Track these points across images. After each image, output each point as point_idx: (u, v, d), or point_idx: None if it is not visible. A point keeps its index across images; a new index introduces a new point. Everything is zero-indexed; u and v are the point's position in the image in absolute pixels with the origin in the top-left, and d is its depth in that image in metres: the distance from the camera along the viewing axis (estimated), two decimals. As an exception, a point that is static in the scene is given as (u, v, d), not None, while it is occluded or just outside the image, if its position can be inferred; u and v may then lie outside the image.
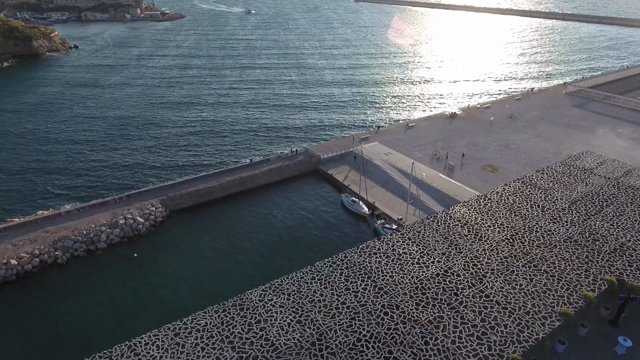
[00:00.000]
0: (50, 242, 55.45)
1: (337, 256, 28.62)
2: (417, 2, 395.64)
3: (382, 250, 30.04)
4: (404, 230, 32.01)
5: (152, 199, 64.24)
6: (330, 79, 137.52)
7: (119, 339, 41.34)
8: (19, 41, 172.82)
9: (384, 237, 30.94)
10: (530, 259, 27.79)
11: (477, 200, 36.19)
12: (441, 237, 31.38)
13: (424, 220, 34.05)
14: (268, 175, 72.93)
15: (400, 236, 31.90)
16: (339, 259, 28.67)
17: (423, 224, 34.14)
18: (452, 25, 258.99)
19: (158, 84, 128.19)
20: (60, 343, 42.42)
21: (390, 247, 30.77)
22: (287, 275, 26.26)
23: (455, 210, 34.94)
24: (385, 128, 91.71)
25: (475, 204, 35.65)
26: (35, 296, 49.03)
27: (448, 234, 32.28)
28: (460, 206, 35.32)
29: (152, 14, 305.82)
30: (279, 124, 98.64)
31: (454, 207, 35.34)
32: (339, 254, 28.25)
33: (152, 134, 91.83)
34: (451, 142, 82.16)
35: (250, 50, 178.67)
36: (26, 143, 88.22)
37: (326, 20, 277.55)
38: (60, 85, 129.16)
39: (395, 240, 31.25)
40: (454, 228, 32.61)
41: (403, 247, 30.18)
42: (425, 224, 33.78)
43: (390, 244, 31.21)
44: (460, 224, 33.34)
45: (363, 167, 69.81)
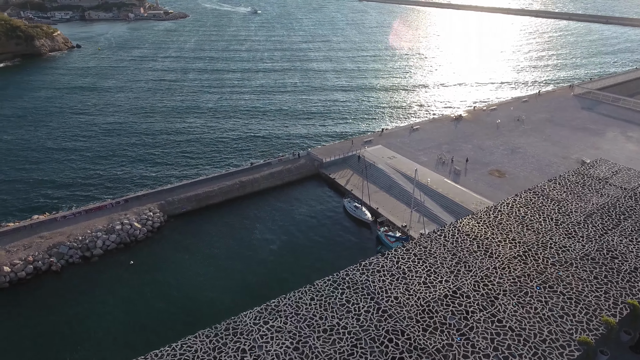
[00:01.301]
0: (44, 248, 54.08)
1: (338, 274, 26.83)
2: (423, 2, 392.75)
3: (385, 268, 28.21)
4: (409, 245, 30.25)
5: (150, 204, 62.78)
6: (334, 80, 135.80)
7: (107, 358, 40.27)
8: (21, 40, 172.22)
9: (388, 253, 29.18)
10: (544, 278, 25.95)
11: (487, 213, 34.34)
12: (449, 253, 29.53)
13: (431, 235, 32.24)
14: (269, 179, 71.33)
15: (405, 252, 30.07)
16: (339, 277, 26.87)
17: (430, 238, 32.32)
18: (458, 25, 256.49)
19: (158, 87, 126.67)
20: (50, 354, 40.97)
21: (395, 264, 28.92)
22: (285, 295, 24.55)
23: (464, 224, 33.10)
24: (389, 130, 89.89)
25: (485, 217, 33.78)
26: (29, 305, 47.64)
27: (456, 249, 30.42)
28: (469, 219, 33.48)
29: (156, 13, 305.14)
30: (281, 126, 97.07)
31: (462, 220, 33.53)
32: (340, 271, 26.51)
33: (150, 137, 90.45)
34: (457, 145, 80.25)
35: (253, 52, 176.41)
36: (24, 145, 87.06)
37: (331, 21, 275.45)
38: (59, 87, 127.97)
39: (400, 257, 29.42)
40: (463, 243, 30.76)
41: (408, 264, 28.34)
42: (432, 239, 31.96)
43: (395, 260, 29.38)
44: (469, 239, 31.49)
45: (366, 171, 68.09)
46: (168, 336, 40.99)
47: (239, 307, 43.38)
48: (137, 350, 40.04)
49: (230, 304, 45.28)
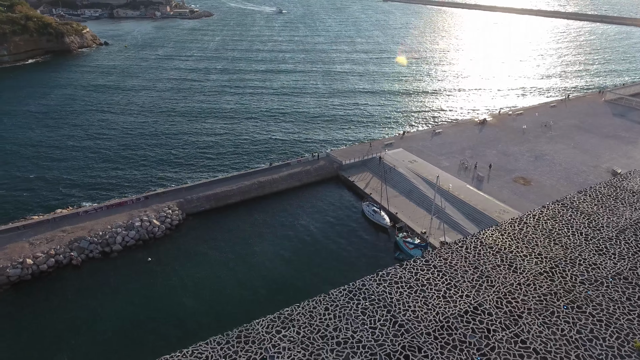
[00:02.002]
0: (66, 242, 55.07)
1: (353, 284, 26.23)
2: (448, 2, 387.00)
3: (404, 279, 27.44)
4: (428, 256, 29.38)
5: (169, 202, 63.26)
6: (356, 82, 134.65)
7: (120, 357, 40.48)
8: (52, 37, 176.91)
9: (407, 263, 28.44)
10: (572, 297, 24.68)
11: (511, 224, 33.11)
12: (470, 267, 28.52)
13: (451, 246, 31.29)
14: (287, 180, 71.01)
15: (424, 263, 29.28)
16: (355, 287, 26.27)
17: (450, 249, 31.40)
18: (485, 27, 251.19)
19: (180, 86, 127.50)
20: (67, 347, 41.54)
21: (414, 276, 28.15)
22: (299, 304, 24.11)
23: (487, 235, 32.01)
24: (410, 134, 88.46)
25: (509, 229, 32.59)
26: (49, 298, 48.52)
27: (478, 262, 29.40)
28: (492, 230, 32.39)
29: (181, 12, 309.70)
30: (301, 127, 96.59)
31: (484, 231, 32.46)
32: (356, 281, 25.90)
33: (171, 136, 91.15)
34: (480, 150, 78.28)
35: (276, 52, 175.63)
36: (49, 141, 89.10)
37: (355, 22, 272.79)
38: (84, 84, 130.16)
39: (418, 268, 28.65)
40: (485, 256, 29.69)
41: (427, 276, 27.49)
42: (452, 250, 31.05)
43: (414, 271, 28.61)
44: (492, 252, 30.41)
45: (385, 175, 66.99)
46: (180, 339, 41.18)
47: (252, 312, 43.32)
48: (147, 351, 40.36)
49: (243, 307, 45.07)
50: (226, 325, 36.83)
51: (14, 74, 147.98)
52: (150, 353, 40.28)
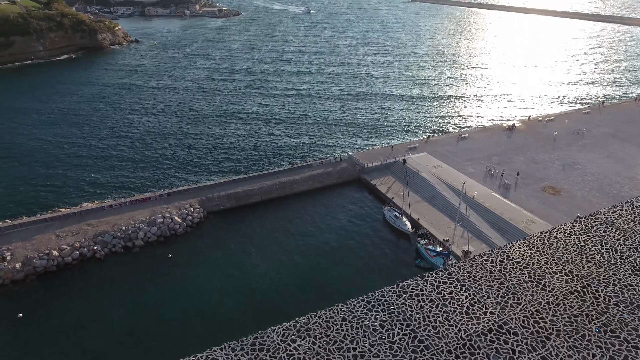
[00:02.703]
0: (90, 236, 56.25)
1: (372, 294, 25.56)
2: (479, 3, 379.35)
3: (425, 292, 26.60)
4: (451, 268, 28.41)
5: (191, 199, 63.84)
6: (382, 85, 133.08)
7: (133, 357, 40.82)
8: (85, 34, 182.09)
9: (428, 275, 27.55)
10: (605, 320, 23.34)
11: (540, 238, 31.70)
12: (496, 282, 27.45)
13: (476, 259, 30.18)
14: (309, 181, 70.64)
15: (447, 276, 28.33)
16: (374, 298, 25.59)
17: (475, 262, 30.30)
18: (515, 29, 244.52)
19: (205, 86, 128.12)
20: (87, 340, 42.28)
21: (435, 289, 27.28)
22: (315, 313, 23.61)
23: (514, 249, 30.74)
24: (435, 138, 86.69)
25: (538, 243, 31.21)
26: (73, 290, 49.63)
27: (504, 278, 28.28)
28: (520, 244, 31.07)
29: (210, 11, 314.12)
30: (324, 129, 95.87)
31: (511, 244, 31.19)
32: (375, 291, 25.22)
33: (195, 134, 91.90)
34: (508, 157, 75.96)
35: (301, 54, 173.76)
36: (78, 136, 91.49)
37: (382, 23, 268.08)
38: (113, 82, 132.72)
39: (441, 280, 27.76)
40: (512, 271, 28.52)
41: (450, 289, 26.57)
42: (477, 263, 29.95)
43: (435, 284, 27.74)
44: (519, 267, 29.21)
45: (408, 179, 65.76)
46: (193, 342, 41.28)
47: (268, 317, 43.20)
48: (159, 351, 40.64)
49: (259, 311, 44.76)
50: (241, 329, 36.81)
51: (48, 69, 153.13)
52: (162, 352, 40.66)
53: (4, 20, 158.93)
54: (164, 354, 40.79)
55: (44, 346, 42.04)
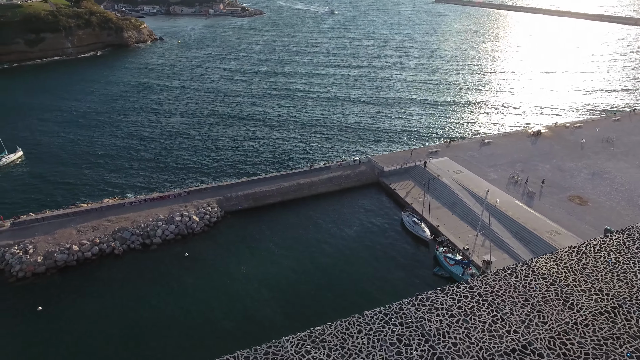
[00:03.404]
0: (110, 232, 56.96)
1: (390, 307, 24.75)
2: (505, 5, 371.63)
3: (445, 306, 25.61)
4: (473, 282, 27.31)
5: (209, 198, 64.04)
6: (402, 86, 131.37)
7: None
8: (112, 32, 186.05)
9: (449, 288, 26.57)
10: (638, 345, 21.99)
11: (568, 253, 30.27)
12: (520, 298, 26.27)
13: (499, 273, 28.99)
14: (327, 183, 70.02)
15: (468, 290, 27.27)
16: (392, 311, 24.77)
17: (498, 276, 29.11)
18: (542, 31, 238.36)
19: (225, 86, 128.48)
20: (100, 336, 42.68)
21: (456, 303, 26.26)
22: (331, 323, 22.97)
23: (540, 264, 29.41)
24: (457, 142, 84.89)
25: (566, 258, 29.79)
26: (92, 284, 50.22)
27: (529, 294, 27.06)
28: (546, 259, 29.72)
29: (233, 10, 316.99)
30: (343, 129, 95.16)
31: (537, 259, 29.90)
32: (393, 303, 24.41)
33: (214, 133, 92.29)
34: (532, 164, 73.72)
35: (323, 55, 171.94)
36: (102, 132, 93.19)
37: (406, 25, 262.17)
38: (136, 80, 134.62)
39: (462, 294, 26.70)
40: (538, 288, 27.28)
41: (471, 304, 25.55)
42: (500, 277, 28.76)
43: (456, 298, 26.71)
44: (545, 283, 27.88)
45: (428, 184, 64.43)
46: (205, 346, 41.21)
47: (281, 323, 42.76)
48: (171, 354, 40.63)
49: (273, 317, 44.29)
50: (254, 335, 36.17)
51: (75, 66, 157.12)
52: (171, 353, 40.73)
53: (35, 17, 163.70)
54: (173, 354, 40.96)
55: (61, 340, 42.63)
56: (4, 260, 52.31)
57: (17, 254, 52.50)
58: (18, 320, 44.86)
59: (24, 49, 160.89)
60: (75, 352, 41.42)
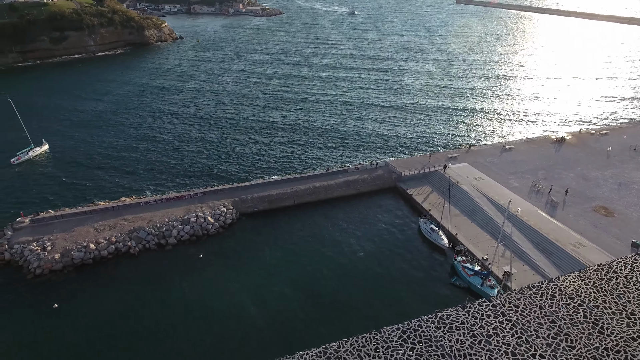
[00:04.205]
0: (126, 231, 57.24)
1: (409, 324, 23.84)
2: (529, 7, 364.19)
3: (466, 325, 24.65)
4: (496, 300, 26.24)
5: (225, 200, 63.88)
6: (421, 90, 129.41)
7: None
8: (134, 30, 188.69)
9: (471, 306, 25.49)
10: (675, 375, 20.58)
11: (597, 272, 28.88)
12: (546, 319, 25.10)
13: (524, 291, 27.81)
14: (343, 187, 69.17)
15: (491, 308, 26.23)
16: (410, 328, 23.88)
17: (522, 295, 27.97)
18: (568, 34, 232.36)
19: (242, 87, 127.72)
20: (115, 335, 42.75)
21: (478, 322, 25.27)
22: (347, 340, 22.20)
23: (567, 282, 28.10)
24: (477, 147, 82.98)
25: (595, 277, 28.42)
26: (108, 283, 50.47)
27: (556, 315, 25.88)
28: (574, 277, 28.34)
29: (253, 9, 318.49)
30: (360, 133, 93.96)
31: (564, 277, 28.53)
32: (412, 320, 23.45)
33: (231, 135, 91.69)
34: (556, 172, 71.50)
35: (341, 58, 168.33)
36: (118, 132, 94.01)
37: (427, 27, 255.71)
38: (154, 79, 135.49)
39: (484, 313, 25.70)
40: (565, 308, 26.09)
41: (494, 325, 24.52)
42: (525, 296, 27.60)
43: (478, 317, 25.71)
44: (573, 304, 26.66)
45: (448, 190, 63.03)
46: (215, 353, 40.74)
47: (293, 336, 42.02)
48: (182, 355, 40.28)
49: (283, 328, 43.58)
50: (265, 346, 35.11)
51: (96, 64, 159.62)
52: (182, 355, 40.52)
53: (60, 15, 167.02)
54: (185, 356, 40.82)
55: (76, 338, 42.85)
56: (23, 256, 53.04)
57: (36, 251, 53.17)
58: (34, 317, 45.30)
59: (48, 46, 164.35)
60: (89, 350, 41.56)
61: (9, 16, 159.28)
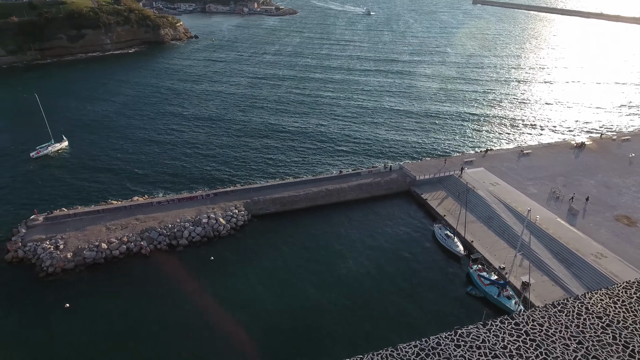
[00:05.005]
0: (138, 231, 57.13)
1: (427, 341, 22.79)
2: (547, 7, 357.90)
3: (487, 344, 23.45)
4: (519, 318, 24.99)
5: (236, 201, 63.44)
6: (435, 93, 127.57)
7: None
8: (149, 29, 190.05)
9: (492, 323, 24.34)
10: None
11: (626, 290, 27.41)
12: (573, 340, 23.76)
13: (548, 309, 26.52)
14: (356, 190, 68.17)
15: (513, 327, 24.99)
16: (429, 346, 22.81)
17: (547, 313, 26.65)
18: (587, 36, 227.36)
19: (253, 89, 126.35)
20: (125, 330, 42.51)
21: (500, 341, 24.06)
22: (362, 356, 21.30)
23: (594, 301, 26.73)
24: (494, 152, 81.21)
25: (624, 296, 26.94)
26: (119, 283, 50.36)
27: (583, 337, 24.51)
28: (602, 295, 26.99)
29: (267, 9, 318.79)
30: (374, 135, 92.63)
31: (591, 294, 27.19)
32: (430, 337, 22.42)
33: (243, 136, 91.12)
34: (575, 179, 69.52)
35: (355, 60, 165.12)
36: (135, 130, 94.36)
37: (443, 28, 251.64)
38: (167, 80, 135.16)
39: (506, 332, 24.44)
40: (592, 329, 24.67)
41: (517, 344, 23.29)
42: (549, 314, 26.28)
43: (500, 335, 24.47)
44: (601, 324, 25.27)
45: (465, 196, 61.62)
46: (224, 356, 40.30)
47: (305, 345, 41.14)
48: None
49: (293, 337, 42.77)
50: (274, 356, 33.84)
51: (112, 64, 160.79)
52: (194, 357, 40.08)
53: (77, 14, 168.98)
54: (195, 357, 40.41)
55: (86, 339, 42.71)
56: (36, 254, 53.25)
57: (49, 249, 53.34)
58: (46, 317, 45.33)
59: (65, 44, 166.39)
60: (99, 351, 41.36)
61: (28, 14, 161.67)
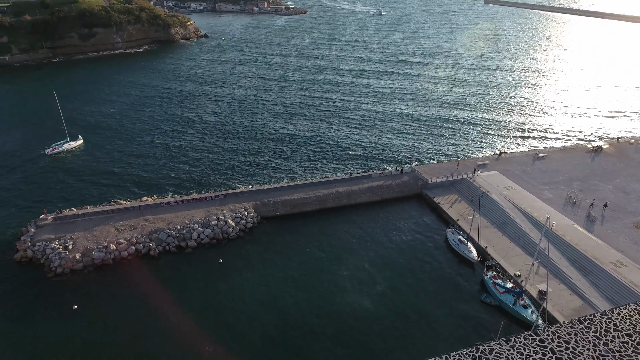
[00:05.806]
0: (147, 232, 56.65)
1: (447, 357, 21.73)
2: (561, 8, 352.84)
3: (511, 362, 22.27)
4: (544, 334, 23.76)
5: (246, 202, 62.73)
6: (450, 93, 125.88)
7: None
8: (160, 28, 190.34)
9: (515, 340, 23.17)
10: None
11: (657, 305, 26.04)
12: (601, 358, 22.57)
13: (574, 324, 25.23)
14: (367, 193, 67.10)
15: (538, 343, 23.76)
16: (449, 363, 21.73)
17: (573, 328, 25.37)
18: (604, 38, 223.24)
19: (260, 92, 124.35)
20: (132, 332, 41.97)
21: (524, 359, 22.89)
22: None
23: (623, 316, 25.39)
24: (508, 155, 79.59)
25: (655, 312, 25.61)
26: (126, 284, 49.86)
27: (612, 355, 23.22)
28: (631, 311, 25.67)
29: (277, 8, 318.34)
30: (384, 139, 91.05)
31: (619, 309, 25.83)
32: (451, 354, 21.35)
33: (252, 138, 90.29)
34: (592, 184, 67.77)
35: (365, 62, 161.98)
36: (144, 131, 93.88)
37: (455, 29, 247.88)
38: (176, 81, 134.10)
39: (530, 349, 23.24)
40: (622, 347, 23.35)
41: (542, 362, 22.06)
42: (575, 330, 25.00)
43: (524, 352, 23.27)
44: (631, 342, 23.96)
45: (478, 200, 60.30)
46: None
47: (314, 355, 40.28)
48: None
49: (302, 345, 41.99)
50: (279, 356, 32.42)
51: (121, 62, 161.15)
52: None
53: (89, 12, 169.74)
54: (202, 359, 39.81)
55: (93, 340, 42.25)
56: (45, 254, 53.00)
57: (57, 249, 53.07)
58: (54, 318, 44.97)
59: (77, 42, 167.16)
60: (106, 353, 40.88)
61: (41, 12, 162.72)
